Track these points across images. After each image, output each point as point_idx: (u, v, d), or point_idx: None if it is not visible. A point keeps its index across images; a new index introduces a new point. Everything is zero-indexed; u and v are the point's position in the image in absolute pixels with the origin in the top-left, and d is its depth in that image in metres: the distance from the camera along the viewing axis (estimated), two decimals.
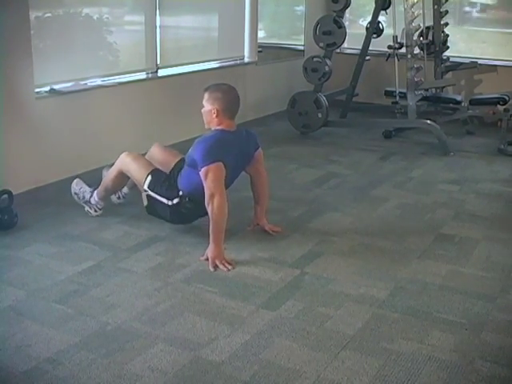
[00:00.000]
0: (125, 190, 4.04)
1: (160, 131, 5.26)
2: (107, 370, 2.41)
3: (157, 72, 5.53)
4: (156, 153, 3.90)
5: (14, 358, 2.47)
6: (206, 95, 3.52)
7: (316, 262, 3.43)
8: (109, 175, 3.85)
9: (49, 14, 4.56)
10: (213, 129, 3.53)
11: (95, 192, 3.93)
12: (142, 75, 5.43)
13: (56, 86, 4.50)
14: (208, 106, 3.50)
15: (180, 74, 5.74)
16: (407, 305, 2.97)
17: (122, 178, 3.79)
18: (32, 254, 3.41)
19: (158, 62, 5.52)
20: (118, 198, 4.09)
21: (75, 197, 4.03)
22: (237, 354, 2.54)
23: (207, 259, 3.34)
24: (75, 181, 4.07)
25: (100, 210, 3.97)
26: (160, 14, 5.45)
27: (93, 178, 4.08)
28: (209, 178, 3.31)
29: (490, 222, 4.12)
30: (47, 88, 4.46)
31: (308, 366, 2.47)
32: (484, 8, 7.85)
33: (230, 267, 3.29)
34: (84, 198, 3.98)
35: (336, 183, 4.89)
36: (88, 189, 3.99)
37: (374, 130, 6.59)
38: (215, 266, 3.29)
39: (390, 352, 2.58)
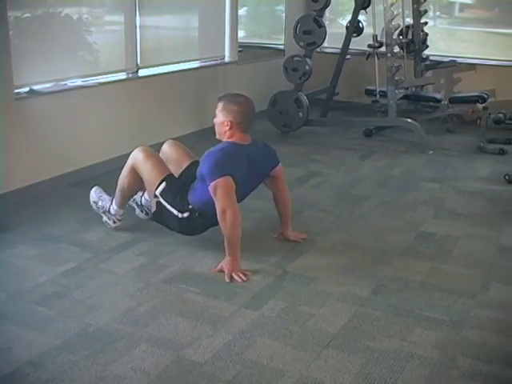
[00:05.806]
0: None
1: (142, 131, 5.24)
2: (89, 371, 2.40)
3: (137, 72, 5.50)
4: (168, 151, 3.71)
5: None
6: (220, 105, 3.38)
7: (298, 261, 3.44)
8: (122, 174, 3.62)
9: (28, 14, 4.52)
10: (224, 141, 3.41)
11: (114, 200, 3.72)
12: (123, 75, 5.40)
13: (36, 87, 4.47)
14: (221, 117, 3.37)
15: (161, 74, 5.72)
16: (389, 303, 2.99)
17: (137, 175, 3.54)
18: (13, 256, 3.38)
19: (139, 62, 5.49)
20: (146, 213, 3.84)
21: (93, 205, 3.83)
22: (219, 353, 2.54)
23: (221, 271, 3.23)
24: (94, 188, 3.88)
25: (119, 220, 3.75)
26: (140, 14, 5.42)
27: (75, 179, 4.05)
28: (218, 193, 3.18)
29: (471, 219, 4.16)
30: (27, 89, 4.42)
31: (291, 365, 2.48)
32: (463, 7, 7.91)
33: (244, 278, 3.19)
34: (103, 207, 3.76)
35: (317, 182, 4.90)
36: (107, 197, 3.78)
37: (354, 128, 6.62)
38: (231, 278, 3.20)
39: (373, 350, 2.60)
